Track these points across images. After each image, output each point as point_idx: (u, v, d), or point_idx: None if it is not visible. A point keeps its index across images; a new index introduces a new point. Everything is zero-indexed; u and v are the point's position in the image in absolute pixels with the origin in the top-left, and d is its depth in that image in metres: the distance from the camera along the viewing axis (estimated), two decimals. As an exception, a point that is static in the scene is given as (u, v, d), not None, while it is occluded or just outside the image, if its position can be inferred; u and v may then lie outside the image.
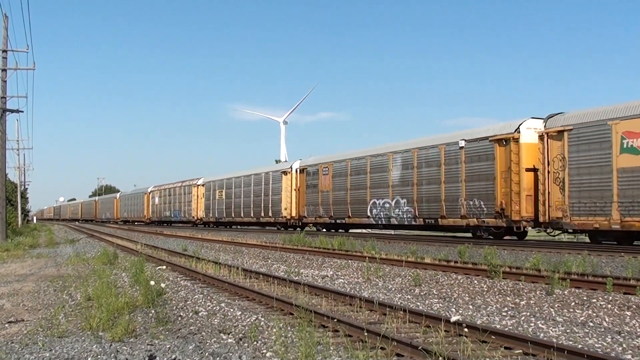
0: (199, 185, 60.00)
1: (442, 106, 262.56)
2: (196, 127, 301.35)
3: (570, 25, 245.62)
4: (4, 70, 33.32)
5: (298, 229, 39.42)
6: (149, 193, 77.07)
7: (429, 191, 28.73)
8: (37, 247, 32.90)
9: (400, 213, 30.70)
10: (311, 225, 41.40)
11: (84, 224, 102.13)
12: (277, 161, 73.92)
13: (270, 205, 44.82)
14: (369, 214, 33.22)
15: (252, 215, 47.88)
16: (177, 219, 66.26)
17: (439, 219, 27.98)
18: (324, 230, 38.30)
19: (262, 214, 45.89)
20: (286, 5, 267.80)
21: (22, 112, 36.39)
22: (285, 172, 43.25)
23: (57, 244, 36.76)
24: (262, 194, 45.94)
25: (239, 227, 53.88)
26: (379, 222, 32.76)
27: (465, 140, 26.78)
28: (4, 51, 33.19)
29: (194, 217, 60.41)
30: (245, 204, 49.24)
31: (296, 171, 42.15)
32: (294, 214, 42.05)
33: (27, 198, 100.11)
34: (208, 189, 57.53)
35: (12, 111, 34.96)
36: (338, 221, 36.74)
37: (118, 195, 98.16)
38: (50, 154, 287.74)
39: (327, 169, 37.89)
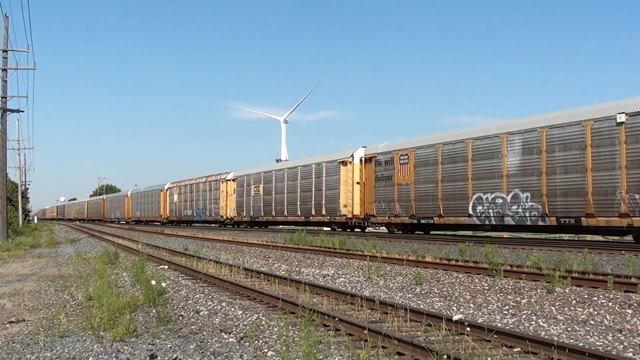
0: (228, 180, 53.48)
1: (443, 104, 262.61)
2: (197, 126, 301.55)
3: (573, 22, 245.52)
4: (5, 70, 33.34)
5: (357, 229, 35.78)
6: (166, 190, 70.54)
7: (565, 182, 22.52)
8: (38, 247, 32.92)
9: (520, 210, 24.44)
10: (377, 226, 35.62)
11: (85, 223, 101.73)
12: (278, 160, 73.21)
13: (324, 201, 38.42)
14: (470, 211, 26.74)
15: (299, 213, 41.40)
16: (200, 218, 59.83)
17: (583, 218, 21.76)
18: (400, 232, 31.79)
19: (313, 212, 39.49)
20: (287, 3, 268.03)
21: (23, 111, 36.52)
22: (344, 162, 36.42)
23: (58, 243, 36.77)
24: (313, 189, 39.46)
25: (281, 227, 47.04)
26: (486, 223, 26.38)
27: (627, 114, 20.55)
28: (5, 51, 33.21)
29: (222, 216, 53.97)
30: (290, 200, 42.59)
31: (360, 161, 35.21)
32: (356, 212, 35.38)
33: (28, 198, 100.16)
34: (241, 184, 50.43)
35: (12, 111, 34.99)
36: (423, 221, 29.63)
37: (129, 192, 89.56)
38: (51, 154, 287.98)
39: (406, 156, 30.90)
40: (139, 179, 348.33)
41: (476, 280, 13.78)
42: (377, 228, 36.09)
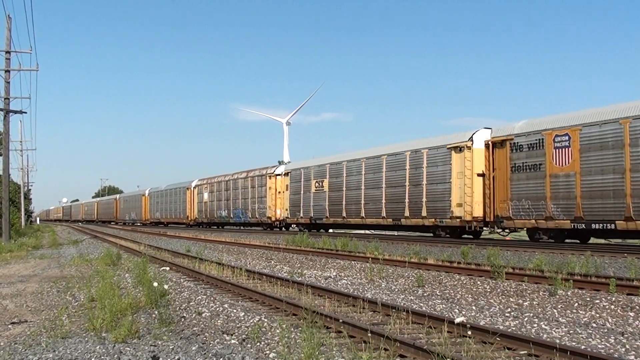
0: (278, 175, 45.37)
1: (445, 106, 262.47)
2: (200, 127, 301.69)
3: (574, 23, 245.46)
4: (8, 71, 33.41)
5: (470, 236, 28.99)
6: (193, 188, 62.25)
7: None
8: (40, 248, 32.95)
9: None
10: (501, 231, 27.36)
11: (89, 225, 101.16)
12: (280, 162, 71.97)
13: (424, 200, 29.74)
14: None
15: (383, 214, 32.52)
16: (239, 219, 51.62)
17: None
18: (551, 239, 24.13)
19: (407, 213, 30.74)
20: (290, 5, 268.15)
21: (26, 113, 36.51)
22: (458, 148, 28.02)
23: (60, 244, 36.79)
24: (408, 183, 30.84)
25: (356, 233, 38.55)
26: None
27: None
28: (8, 52, 33.28)
29: (269, 217, 45.85)
30: (369, 198, 33.88)
31: (486, 146, 26.78)
32: (477, 214, 27.05)
33: (31, 199, 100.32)
34: (296, 179, 42.30)
35: (15, 112, 35.05)
36: (596, 226, 21.81)
37: (147, 191, 79.98)
38: (53, 155, 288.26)
39: (565, 137, 22.95)
40: (142, 180, 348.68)
41: (478, 282, 13.77)
42: (505, 235, 28.36)
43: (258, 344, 8.14)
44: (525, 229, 25.52)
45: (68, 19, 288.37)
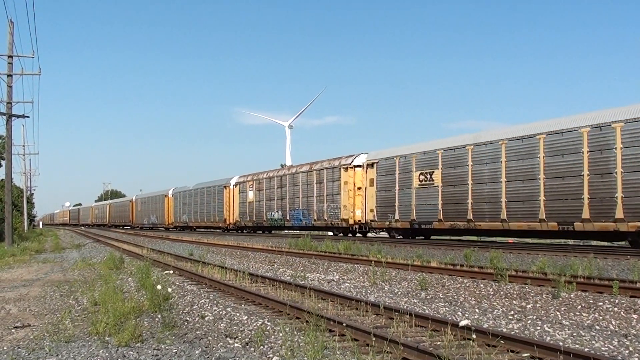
0: (357, 166, 35.51)
1: (447, 110, 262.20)
2: (202, 131, 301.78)
3: (576, 26, 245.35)
4: (10, 75, 33.49)
5: None
6: (234, 186, 52.68)
7: None
8: (43, 252, 33.01)
9: None
10: None
11: (90, 229, 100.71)
12: (282, 165, 71.27)
13: (618, 194, 20.89)
14: None
15: (542, 216, 23.48)
16: (299, 222, 41.90)
17: None
18: None
19: (586, 214, 21.81)
20: (292, 8, 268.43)
21: (28, 117, 36.34)
22: None
23: (63, 249, 36.85)
24: (587, 172, 21.90)
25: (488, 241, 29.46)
26: None
27: None
28: (10, 57, 33.36)
29: (345, 219, 36.21)
30: (515, 193, 24.83)
31: None
32: None
33: (33, 203, 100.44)
34: (386, 171, 32.39)
35: (18, 116, 35.13)
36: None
37: (170, 191, 70.28)
38: (56, 159, 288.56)
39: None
40: (144, 184, 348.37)
41: (481, 285, 13.76)
42: None
43: (261, 347, 8.14)
44: None
45: (70, 23, 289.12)
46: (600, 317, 10.22)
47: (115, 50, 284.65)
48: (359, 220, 35.46)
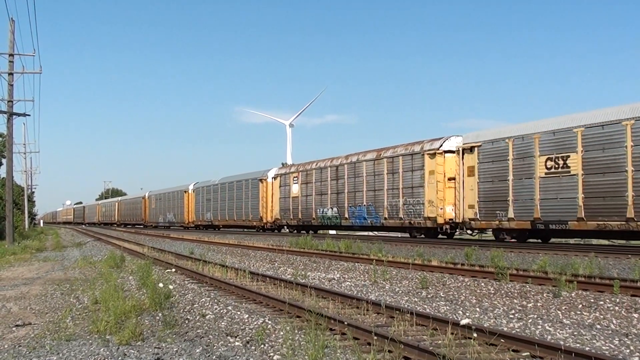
0: (447, 152, 28.85)
1: (448, 108, 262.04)
2: (203, 129, 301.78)
3: (576, 26, 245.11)
4: (11, 74, 33.48)
5: None
6: (272, 179, 46.03)
7: None
8: (44, 251, 33.01)
9: None
10: None
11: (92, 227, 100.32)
12: (284, 164, 70.74)
13: None
14: None
15: None
16: (362, 221, 35.08)
17: None
18: None
19: None
20: (292, 7, 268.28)
21: (29, 115, 36.36)
22: None
23: (64, 247, 36.86)
24: None
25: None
26: None
27: None
28: (11, 55, 33.35)
29: (430, 217, 29.33)
30: None
31: None
32: None
33: (34, 201, 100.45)
34: (493, 157, 26.00)
35: (19, 115, 35.09)
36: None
37: (191, 186, 64.04)
38: (57, 158, 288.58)
39: None
40: (146, 183, 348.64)
41: (482, 284, 13.76)
42: None
43: (262, 346, 8.14)
44: None
45: (71, 21, 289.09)
46: (601, 316, 10.22)
47: (116, 49, 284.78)
48: (450, 219, 28.58)
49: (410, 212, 30.86)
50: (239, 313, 10.45)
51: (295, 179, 42.82)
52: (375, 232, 39.34)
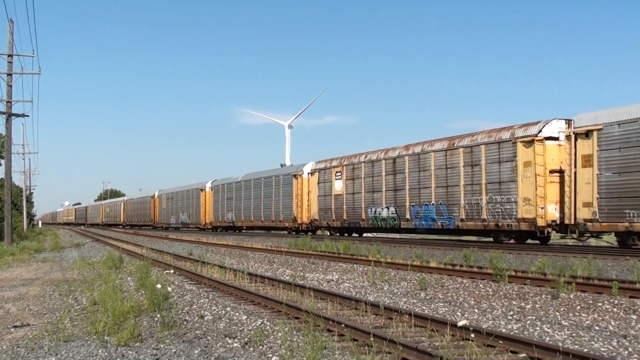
0: (547, 138, 23.90)
1: (449, 109, 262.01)
2: (202, 130, 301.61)
3: (576, 26, 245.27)
4: (10, 74, 33.49)
5: None
6: (310, 174, 40.16)
7: None
8: (42, 252, 33.00)
9: None
10: None
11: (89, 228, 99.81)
12: (282, 165, 70.30)
13: None
14: None
15: None
16: (429, 223, 29.43)
17: None
18: None
19: None
20: (292, 7, 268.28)
21: (28, 116, 36.30)
22: None
23: (62, 248, 36.85)
24: None
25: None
26: None
27: None
28: (10, 55, 33.35)
29: (528, 218, 24.18)
30: None
31: None
32: None
33: (33, 202, 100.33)
34: (627, 141, 20.80)
35: (17, 115, 35.12)
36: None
37: (208, 184, 57.95)
38: (55, 159, 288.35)
39: None
40: (145, 184, 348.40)
41: (481, 285, 13.77)
42: None
43: (260, 347, 8.14)
44: None
45: (70, 22, 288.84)
46: (600, 318, 10.22)
47: (115, 50, 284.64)
48: (553, 221, 23.70)
49: (498, 213, 25.54)
50: (237, 314, 10.45)
51: (338, 173, 36.92)
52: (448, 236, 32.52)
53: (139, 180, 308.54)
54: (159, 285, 11.77)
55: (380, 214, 32.71)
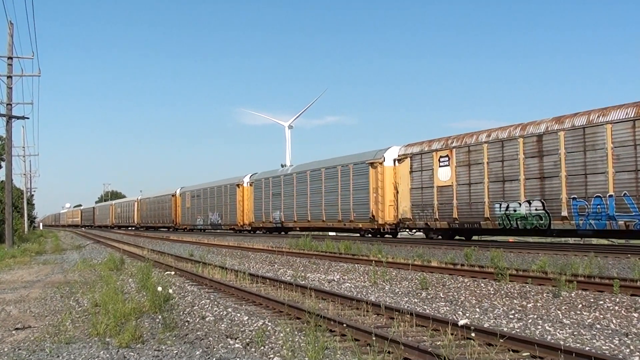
0: None
1: (449, 109, 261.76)
2: (203, 131, 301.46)
3: (576, 26, 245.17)
4: (10, 77, 33.49)
5: None
6: (397, 162, 31.55)
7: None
8: (43, 254, 33.01)
9: None
10: None
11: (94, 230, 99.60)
12: (283, 165, 70.51)
13: None
14: None
15: None
16: (603, 224, 20.85)
17: None
18: None
19: None
20: (293, 7, 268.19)
21: (28, 118, 36.39)
22: None
23: (63, 250, 36.86)
24: None
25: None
26: None
27: None
28: (10, 58, 33.35)
29: None
30: None
31: None
32: None
33: (33, 204, 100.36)
34: None
35: (18, 118, 35.14)
36: None
37: (246, 179, 50.05)
38: (56, 161, 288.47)
39: None
40: (145, 185, 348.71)
41: (482, 284, 13.76)
42: None
43: (262, 347, 8.14)
44: None
45: (70, 24, 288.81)
46: (601, 316, 10.22)
47: (115, 51, 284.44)
48: None
49: None
50: (238, 315, 10.44)
51: (444, 158, 28.17)
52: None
53: (140, 182, 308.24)
54: (160, 287, 11.77)
55: (516, 210, 24.36)
